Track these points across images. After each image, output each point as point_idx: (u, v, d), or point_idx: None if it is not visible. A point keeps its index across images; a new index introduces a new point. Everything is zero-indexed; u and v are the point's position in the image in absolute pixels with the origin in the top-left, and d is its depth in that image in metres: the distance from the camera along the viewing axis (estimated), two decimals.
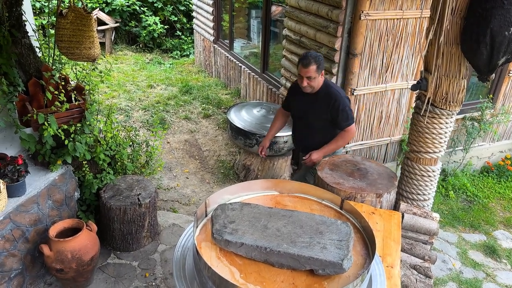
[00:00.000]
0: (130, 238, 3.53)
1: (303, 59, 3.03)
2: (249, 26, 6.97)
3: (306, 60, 2.99)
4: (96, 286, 3.25)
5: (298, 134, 3.54)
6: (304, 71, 3.02)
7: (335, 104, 3.14)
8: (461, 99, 2.84)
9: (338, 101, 3.14)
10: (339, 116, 3.17)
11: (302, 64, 3.02)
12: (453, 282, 3.62)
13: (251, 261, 1.70)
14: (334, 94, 3.16)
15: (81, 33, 2.83)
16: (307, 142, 3.43)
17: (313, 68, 3.00)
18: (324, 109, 3.19)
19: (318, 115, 3.25)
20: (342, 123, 3.20)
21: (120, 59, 8.75)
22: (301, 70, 3.04)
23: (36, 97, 3.15)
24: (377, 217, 2.53)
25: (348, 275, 1.65)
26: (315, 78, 3.06)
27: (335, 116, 3.19)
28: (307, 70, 3.01)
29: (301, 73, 3.05)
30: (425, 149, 3.02)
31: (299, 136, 3.54)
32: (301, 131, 3.46)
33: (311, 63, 2.99)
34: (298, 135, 3.53)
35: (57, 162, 3.22)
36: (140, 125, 5.96)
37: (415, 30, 4.03)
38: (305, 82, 3.06)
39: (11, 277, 2.90)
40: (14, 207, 2.86)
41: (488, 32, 2.40)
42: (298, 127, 3.51)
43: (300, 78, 3.10)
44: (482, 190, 4.97)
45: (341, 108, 3.14)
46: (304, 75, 3.04)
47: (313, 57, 3.00)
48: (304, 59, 3.01)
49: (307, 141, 3.43)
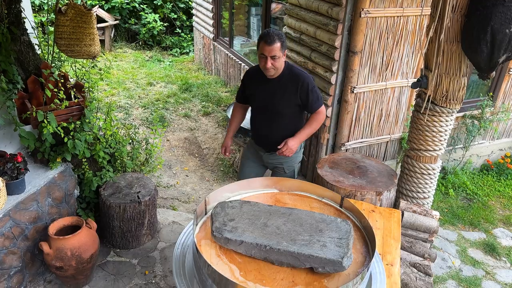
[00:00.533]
0: (130, 235, 3.53)
1: (265, 37, 2.67)
2: (249, 24, 6.96)
3: (270, 37, 2.65)
4: (96, 284, 3.25)
5: (263, 129, 3.07)
6: (269, 50, 2.67)
7: (304, 85, 2.85)
8: (462, 97, 2.83)
9: (306, 81, 2.85)
10: (309, 97, 2.88)
11: (266, 42, 2.66)
12: (452, 280, 3.62)
13: (250, 259, 1.70)
14: (300, 75, 2.86)
15: (81, 30, 2.81)
16: (275, 136, 3.01)
17: (278, 45, 2.67)
18: (292, 93, 2.87)
19: (286, 101, 2.91)
20: (314, 104, 2.91)
21: (120, 57, 8.74)
22: (264, 49, 2.68)
23: (36, 95, 3.15)
24: (377, 215, 2.53)
25: (348, 273, 1.65)
26: (279, 57, 2.72)
27: (305, 99, 2.89)
28: (271, 48, 2.66)
29: (264, 52, 2.69)
30: (425, 147, 3.02)
31: (264, 132, 3.06)
32: (267, 125, 3.02)
33: (275, 40, 2.65)
34: (264, 130, 3.06)
35: (57, 159, 3.22)
36: (140, 123, 5.95)
37: (415, 28, 4.02)
38: (269, 62, 2.70)
39: (11, 275, 2.90)
40: (13, 204, 2.86)
41: (488, 29, 2.39)
42: (261, 121, 3.06)
43: (263, 59, 2.73)
44: (482, 188, 4.98)
45: (310, 89, 2.86)
46: (268, 54, 2.68)
47: (276, 34, 2.68)
48: (267, 36, 2.66)
49: (275, 136, 3.01)
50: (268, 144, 3.09)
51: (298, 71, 2.88)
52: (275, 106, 2.92)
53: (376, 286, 1.74)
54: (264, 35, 2.69)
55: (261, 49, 2.71)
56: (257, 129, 3.12)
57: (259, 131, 3.12)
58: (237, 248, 1.71)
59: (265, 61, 2.72)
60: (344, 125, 4.17)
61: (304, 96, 2.86)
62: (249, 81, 3.05)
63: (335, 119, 4.21)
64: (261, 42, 2.70)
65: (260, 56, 2.74)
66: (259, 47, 2.73)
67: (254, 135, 3.20)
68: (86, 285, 3.22)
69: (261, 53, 2.71)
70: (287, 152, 2.87)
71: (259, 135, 3.14)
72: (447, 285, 3.56)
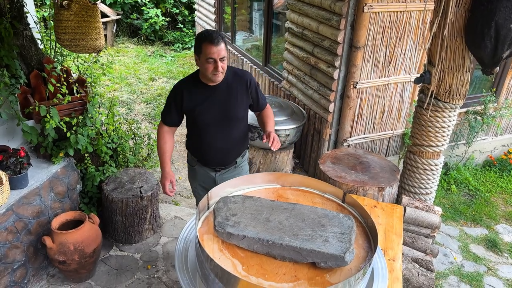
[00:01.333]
0: (132, 230, 3.54)
1: (209, 37, 2.31)
2: (251, 19, 6.93)
3: (215, 37, 2.31)
4: (99, 278, 3.26)
5: (218, 142, 2.62)
6: (217, 51, 2.31)
7: (252, 82, 2.61)
8: (465, 93, 2.82)
9: (251, 77, 2.62)
10: (258, 93, 2.66)
11: (212, 42, 2.30)
12: (454, 276, 3.62)
13: (253, 253, 1.70)
14: (244, 73, 2.62)
15: (87, 24, 2.80)
16: (233, 146, 2.69)
17: (223, 45, 2.35)
18: (244, 94, 2.59)
19: (240, 104, 2.59)
20: (263, 100, 2.72)
21: (122, 52, 8.73)
22: (212, 51, 2.30)
23: (38, 90, 3.15)
24: (379, 211, 2.53)
25: (350, 268, 1.66)
26: (226, 58, 2.40)
27: (255, 96, 2.65)
28: (219, 49, 2.32)
29: (212, 55, 2.31)
30: (428, 143, 3.01)
31: (220, 144, 2.62)
32: (223, 137, 2.61)
33: (220, 40, 2.33)
34: (220, 143, 2.62)
35: (59, 154, 3.23)
36: (142, 118, 5.95)
37: (418, 23, 4.00)
38: (220, 65, 2.35)
39: (14, 269, 2.91)
40: (16, 199, 2.87)
41: (492, 25, 2.38)
42: (215, 134, 2.60)
43: (211, 63, 2.35)
44: (484, 184, 4.97)
45: (256, 85, 2.65)
46: (217, 56, 2.32)
47: (218, 32, 2.36)
48: (212, 37, 2.31)
49: (233, 146, 2.68)
50: (224, 158, 2.71)
51: (238, 70, 2.65)
52: (231, 112, 2.57)
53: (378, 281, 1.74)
54: (207, 35, 2.33)
55: (207, 52, 2.32)
56: (210, 146, 2.63)
57: (212, 147, 2.63)
58: (240, 242, 1.72)
59: (215, 65, 2.35)
60: (346, 120, 4.16)
61: (254, 93, 2.65)
62: (188, 96, 2.53)
63: (337, 114, 4.21)
64: (206, 44, 2.31)
65: (206, 60, 2.34)
66: (203, 50, 2.33)
67: (205, 154, 2.67)
68: (88, 279, 3.24)
69: (209, 57, 2.32)
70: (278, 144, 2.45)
71: (213, 152, 2.66)
72: (448, 281, 3.57)
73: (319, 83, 4.31)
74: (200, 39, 2.36)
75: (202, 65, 2.39)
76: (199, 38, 2.37)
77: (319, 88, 4.29)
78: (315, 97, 4.38)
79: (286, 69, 5.01)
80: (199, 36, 2.38)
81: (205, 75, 2.44)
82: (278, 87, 5.34)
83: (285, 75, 5.05)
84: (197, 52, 2.42)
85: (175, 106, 2.57)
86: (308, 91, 4.53)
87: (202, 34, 2.36)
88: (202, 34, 2.36)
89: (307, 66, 4.49)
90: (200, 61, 2.40)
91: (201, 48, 2.35)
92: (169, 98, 2.60)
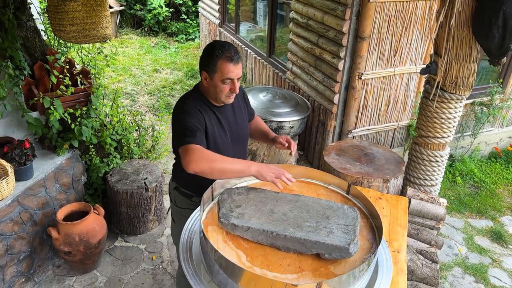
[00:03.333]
0: (137, 221, 3.56)
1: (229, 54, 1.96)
2: (255, 9, 6.88)
3: (236, 54, 1.99)
4: (104, 269, 3.29)
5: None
6: (237, 71, 2.00)
7: (245, 93, 2.42)
8: (471, 84, 2.79)
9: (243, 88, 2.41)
10: (249, 104, 2.45)
11: (231, 60, 1.96)
12: (459, 268, 3.62)
13: (257, 244, 1.70)
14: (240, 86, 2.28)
15: (96, 13, 2.77)
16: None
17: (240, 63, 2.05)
18: (244, 108, 2.37)
19: (245, 120, 2.37)
20: (252, 110, 2.49)
21: (125, 43, 8.71)
22: (231, 70, 1.98)
23: (42, 81, 3.15)
24: (384, 202, 2.52)
25: (354, 259, 1.65)
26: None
27: (250, 107, 2.45)
28: (239, 68, 2.01)
29: (231, 75, 1.98)
30: (434, 134, 2.99)
31: None
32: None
33: (239, 57, 2.02)
34: None
35: (64, 146, 3.24)
36: (146, 110, 5.95)
37: (424, 13, 3.95)
38: (237, 87, 2.05)
39: (20, 259, 2.94)
40: (22, 190, 2.89)
41: (500, 14, 2.34)
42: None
43: (227, 84, 2.02)
44: (490, 176, 4.94)
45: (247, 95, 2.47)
46: (236, 76, 2.01)
47: (235, 48, 2.02)
48: (231, 54, 1.97)
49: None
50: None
51: None
52: (240, 131, 2.31)
53: (383, 272, 1.74)
54: (224, 51, 1.97)
55: (225, 72, 1.97)
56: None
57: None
58: (244, 234, 1.72)
59: (232, 86, 2.03)
60: (351, 112, 4.14)
61: (248, 104, 2.44)
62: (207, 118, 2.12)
63: (342, 106, 4.18)
64: (223, 62, 1.96)
65: (222, 81, 2.00)
66: (220, 69, 1.97)
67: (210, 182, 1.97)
68: (94, 269, 3.27)
69: (227, 77, 1.98)
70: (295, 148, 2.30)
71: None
72: (453, 272, 3.57)
73: (323, 74, 4.28)
74: (214, 55, 1.97)
75: (216, 85, 2.02)
76: (213, 53, 1.98)
77: (323, 79, 4.26)
78: (320, 88, 4.36)
79: (291, 60, 4.98)
80: (212, 51, 1.98)
81: (216, 96, 2.08)
82: (282, 78, 5.31)
83: (290, 66, 5.02)
84: (209, 69, 2.01)
85: (200, 125, 2.04)
86: (312, 82, 4.50)
87: (217, 49, 1.97)
88: (217, 49, 1.97)
89: (311, 57, 4.46)
90: (213, 80, 2.02)
91: (216, 66, 1.97)
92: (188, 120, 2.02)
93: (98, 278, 3.20)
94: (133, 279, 3.21)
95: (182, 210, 2.34)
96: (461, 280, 3.50)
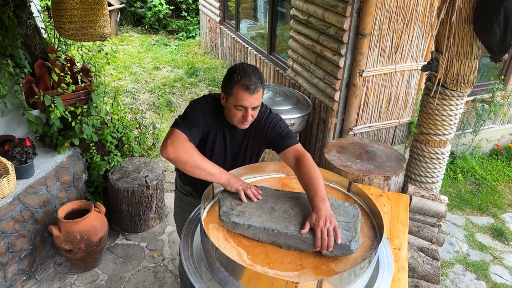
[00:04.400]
0: (138, 219, 3.56)
1: (248, 81, 1.87)
2: (255, 6, 6.86)
3: (253, 83, 1.87)
4: (105, 267, 3.29)
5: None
6: (252, 100, 1.90)
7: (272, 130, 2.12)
8: (473, 80, 2.78)
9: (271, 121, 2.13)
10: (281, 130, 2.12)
11: (248, 89, 1.87)
12: (460, 265, 3.62)
13: (258, 242, 1.70)
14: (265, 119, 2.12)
15: (94, 12, 2.77)
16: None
17: (261, 91, 1.93)
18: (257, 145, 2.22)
19: (247, 157, 2.25)
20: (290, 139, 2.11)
21: (126, 41, 8.70)
22: (246, 99, 1.89)
23: (43, 79, 3.15)
24: (385, 200, 2.52)
25: (355, 256, 1.65)
26: (259, 106, 1.99)
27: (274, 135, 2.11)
28: (256, 97, 1.91)
29: (244, 103, 1.90)
30: (435, 131, 2.98)
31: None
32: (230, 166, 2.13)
33: (259, 86, 1.90)
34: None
35: (65, 144, 3.24)
36: (147, 108, 5.95)
37: (426, 10, 3.93)
38: (250, 115, 1.95)
39: (22, 257, 2.95)
40: (23, 188, 2.89)
41: (501, 11, 2.33)
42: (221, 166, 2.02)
43: (241, 111, 1.94)
44: (491, 173, 4.93)
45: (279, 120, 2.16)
46: (250, 105, 1.91)
47: (257, 74, 1.91)
48: (250, 82, 1.87)
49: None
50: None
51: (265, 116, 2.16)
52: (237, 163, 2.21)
53: (384, 270, 1.74)
54: (244, 77, 1.87)
55: (239, 99, 1.89)
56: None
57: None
58: (245, 232, 1.71)
59: (244, 113, 1.94)
60: (352, 109, 4.13)
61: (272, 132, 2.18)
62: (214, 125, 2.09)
63: (343, 103, 4.17)
64: (240, 89, 1.88)
65: (235, 107, 1.92)
66: (235, 94, 1.90)
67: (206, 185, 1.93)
68: (95, 267, 3.27)
69: (240, 104, 1.90)
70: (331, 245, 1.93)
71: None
72: (454, 270, 3.57)
73: (324, 72, 4.27)
74: (233, 79, 1.90)
75: (229, 108, 1.96)
76: (232, 77, 1.91)
77: (324, 77, 4.25)
78: (321, 86, 4.35)
79: (291, 58, 4.97)
80: (232, 75, 1.91)
81: (229, 118, 2.03)
82: (283, 76, 5.30)
83: (290, 63, 5.01)
84: (226, 91, 1.95)
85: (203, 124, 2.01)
86: (313, 80, 4.49)
87: (237, 74, 1.89)
88: (237, 74, 1.89)
89: (312, 54, 4.45)
90: (228, 103, 1.96)
91: (232, 90, 1.90)
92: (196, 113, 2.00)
93: (100, 276, 3.21)
94: (135, 277, 3.21)
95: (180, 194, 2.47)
96: (462, 277, 3.50)
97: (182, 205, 2.47)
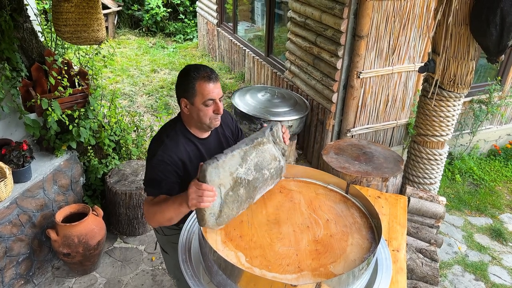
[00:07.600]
0: (136, 222, 3.55)
1: (206, 73, 1.87)
2: (253, 9, 6.87)
3: (213, 73, 1.90)
4: (103, 270, 3.28)
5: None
6: (218, 90, 1.90)
7: (234, 119, 2.27)
8: (470, 81, 2.79)
9: (232, 115, 2.27)
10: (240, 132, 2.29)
11: (210, 79, 1.87)
12: (458, 266, 3.62)
13: (256, 245, 1.70)
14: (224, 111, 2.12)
15: (88, 16, 2.77)
16: None
17: (219, 83, 1.95)
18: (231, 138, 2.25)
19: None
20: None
21: (123, 44, 8.69)
22: (211, 90, 1.88)
23: (40, 82, 3.14)
24: (383, 201, 2.52)
25: (354, 258, 1.65)
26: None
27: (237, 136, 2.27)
28: (219, 86, 1.93)
29: (212, 95, 1.88)
30: (432, 132, 2.99)
31: None
32: None
33: (216, 75, 1.92)
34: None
35: (62, 147, 3.23)
36: (144, 110, 5.94)
37: (422, 11, 3.94)
38: (221, 108, 1.94)
39: (19, 261, 2.93)
40: (20, 192, 2.88)
41: (498, 12, 2.34)
42: None
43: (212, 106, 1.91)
44: (489, 174, 4.94)
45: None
46: (217, 96, 1.91)
47: (211, 69, 1.93)
48: (208, 73, 1.88)
49: None
50: None
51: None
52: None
53: (382, 271, 1.74)
54: (200, 71, 1.87)
55: (205, 93, 1.87)
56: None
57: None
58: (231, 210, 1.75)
59: (215, 106, 1.92)
60: (350, 110, 4.14)
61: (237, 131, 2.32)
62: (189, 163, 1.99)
63: (340, 105, 4.18)
64: (202, 83, 1.86)
65: (204, 103, 1.89)
66: (199, 91, 1.87)
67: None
68: (93, 271, 3.26)
69: (209, 98, 1.88)
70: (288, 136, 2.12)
71: None
72: (453, 270, 3.56)
73: (322, 73, 4.28)
74: (191, 78, 1.87)
75: (198, 109, 1.90)
76: (189, 76, 1.88)
77: (322, 78, 4.25)
78: (318, 88, 4.35)
79: (289, 59, 4.97)
80: (188, 75, 1.88)
81: (200, 122, 1.96)
82: (280, 78, 5.30)
83: (288, 65, 5.01)
84: (187, 94, 1.89)
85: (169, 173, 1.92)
86: (311, 81, 4.50)
87: (192, 72, 1.88)
88: (192, 72, 1.88)
89: (310, 56, 4.45)
90: (194, 105, 1.90)
91: (195, 89, 1.87)
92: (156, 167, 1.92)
93: (98, 280, 3.20)
94: (133, 280, 3.20)
95: (172, 236, 2.25)
96: (461, 278, 3.50)
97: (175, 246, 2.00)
